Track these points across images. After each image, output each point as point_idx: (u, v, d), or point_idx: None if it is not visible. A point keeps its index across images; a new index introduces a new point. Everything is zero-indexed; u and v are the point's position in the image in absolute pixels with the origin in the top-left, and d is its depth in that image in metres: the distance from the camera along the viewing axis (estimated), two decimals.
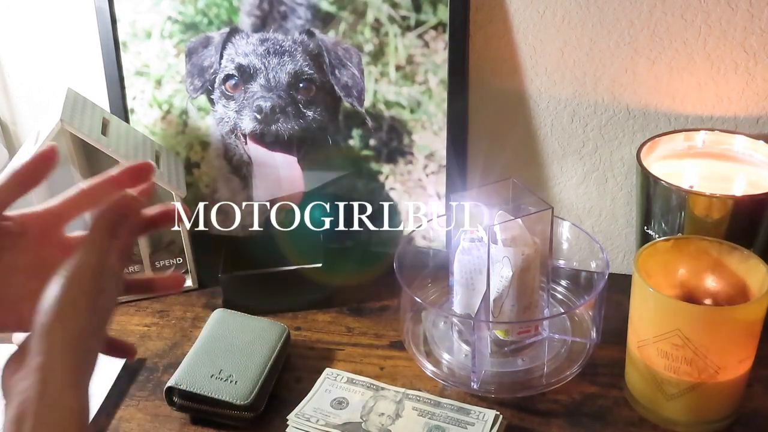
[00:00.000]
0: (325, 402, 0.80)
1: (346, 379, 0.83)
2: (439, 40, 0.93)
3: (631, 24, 0.88)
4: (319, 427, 0.76)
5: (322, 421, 0.77)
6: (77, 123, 0.91)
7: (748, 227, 0.82)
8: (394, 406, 0.79)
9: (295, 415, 0.78)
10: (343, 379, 0.83)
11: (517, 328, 0.85)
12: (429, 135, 0.97)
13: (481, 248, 0.83)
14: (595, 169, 0.98)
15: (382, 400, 0.80)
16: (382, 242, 1.03)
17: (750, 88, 0.88)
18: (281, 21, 0.97)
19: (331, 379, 0.83)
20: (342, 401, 0.80)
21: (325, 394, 0.81)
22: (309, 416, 0.78)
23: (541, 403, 0.81)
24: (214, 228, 1.08)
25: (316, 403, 0.80)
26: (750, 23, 0.85)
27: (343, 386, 0.82)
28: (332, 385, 0.82)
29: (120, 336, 0.93)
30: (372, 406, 0.79)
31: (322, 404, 0.80)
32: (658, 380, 0.75)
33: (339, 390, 0.82)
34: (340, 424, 0.77)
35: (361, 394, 0.81)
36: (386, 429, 0.76)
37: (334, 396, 0.81)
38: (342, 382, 0.82)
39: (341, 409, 0.79)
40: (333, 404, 0.80)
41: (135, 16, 1.00)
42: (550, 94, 0.95)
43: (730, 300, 0.77)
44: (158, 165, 0.98)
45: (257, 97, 0.98)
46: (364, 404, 0.79)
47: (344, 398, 0.80)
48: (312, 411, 0.79)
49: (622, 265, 1.02)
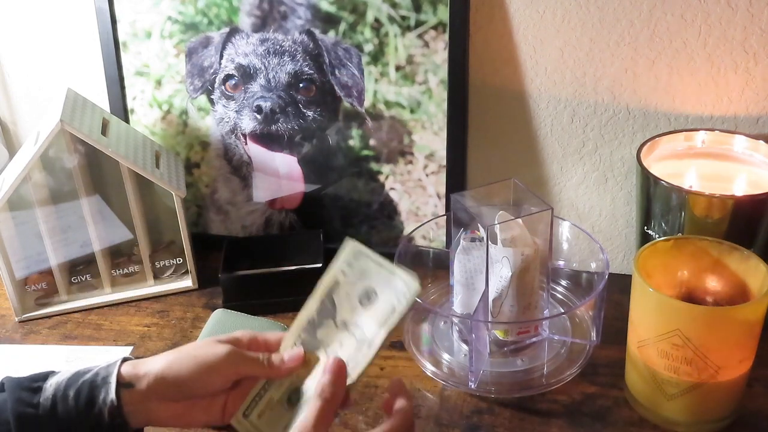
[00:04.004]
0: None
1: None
2: (439, 40, 0.93)
3: (631, 24, 0.88)
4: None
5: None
6: (77, 123, 0.91)
7: (748, 227, 0.82)
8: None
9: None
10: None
11: (516, 329, 0.85)
12: (429, 135, 0.97)
13: (481, 248, 0.83)
14: (595, 169, 0.98)
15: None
16: (382, 242, 1.03)
17: (750, 88, 0.88)
18: (281, 21, 0.97)
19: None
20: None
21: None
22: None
23: (541, 403, 0.81)
24: (214, 228, 1.08)
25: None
26: (750, 23, 0.85)
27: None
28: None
29: (120, 336, 0.94)
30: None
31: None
32: (658, 380, 0.75)
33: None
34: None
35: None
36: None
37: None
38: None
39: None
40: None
41: (135, 16, 1.01)
42: (550, 94, 0.95)
43: (730, 300, 0.77)
44: (158, 165, 0.98)
45: (257, 97, 0.98)
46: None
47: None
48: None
49: (622, 265, 1.02)
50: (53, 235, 0.97)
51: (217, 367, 0.62)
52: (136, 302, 1.00)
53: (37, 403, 0.60)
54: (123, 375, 0.62)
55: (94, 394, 0.60)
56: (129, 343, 0.92)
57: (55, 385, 0.61)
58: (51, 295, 1.00)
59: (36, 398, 0.60)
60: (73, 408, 0.60)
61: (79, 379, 0.61)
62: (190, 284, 1.02)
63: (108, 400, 0.60)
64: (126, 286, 1.02)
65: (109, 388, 0.61)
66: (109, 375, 0.61)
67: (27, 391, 0.61)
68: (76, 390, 0.61)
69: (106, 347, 0.92)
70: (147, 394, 0.61)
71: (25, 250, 0.97)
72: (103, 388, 0.61)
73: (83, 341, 0.93)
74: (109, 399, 0.60)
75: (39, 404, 0.60)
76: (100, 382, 0.61)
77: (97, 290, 1.01)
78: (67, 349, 0.91)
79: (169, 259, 1.03)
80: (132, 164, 0.93)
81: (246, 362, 0.64)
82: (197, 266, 1.02)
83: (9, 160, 1.11)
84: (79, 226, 0.97)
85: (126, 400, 0.61)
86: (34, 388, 0.61)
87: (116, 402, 0.60)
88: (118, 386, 0.61)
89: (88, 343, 0.93)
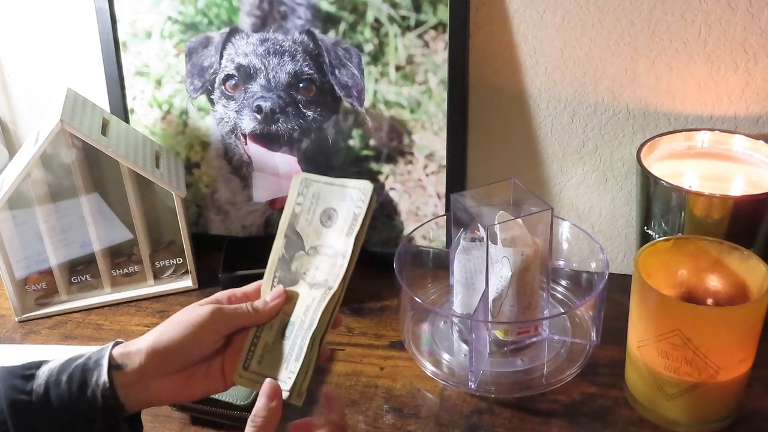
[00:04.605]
0: None
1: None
2: (439, 40, 0.93)
3: (631, 24, 0.88)
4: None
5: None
6: (77, 123, 0.91)
7: (748, 227, 0.82)
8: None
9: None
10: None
11: (516, 329, 0.85)
12: (429, 135, 0.97)
13: (481, 248, 0.83)
14: (595, 169, 0.98)
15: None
16: (382, 242, 1.03)
17: (750, 88, 0.88)
18: (281, 21, 0.97)
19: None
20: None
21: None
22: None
23: (541, 403, 0.81)
24: (214, 228, 1.08)
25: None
26: (750, 23, 0.85)
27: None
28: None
29: (120, 336, 0.94)
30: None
31: None
32: (658, 380, 0.75)
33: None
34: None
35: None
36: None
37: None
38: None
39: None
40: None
41: (135, 16, 1.00)
42: (550, 94, 0.95)
43: (730, 300, 0.77)
44: (158, 165, 0.98)
45: (257, 97, 0.98)
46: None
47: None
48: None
49: (622, 265, 1.02)
50: (53, 235, 0.97)
51: (204, 325, 0.63)
52: (136, 302, 1.00)
53: (30, 389, 0.60)
54: (114, 356, 0.62)
55: (87, 377, 0.60)
56: None
57: (48, 372, 0.61)
58: (51, 295, 1.00)
59: (29, 385, 0.60)
60: (65, 393, 0.60)
61: (72, 365, 0.61)
62: (190, 284, 1.02)
63: (101, 382, 0.60)
64: (126, 286, 1.02)
65: (101, 371, 0.60)
66: (101, 358, 0.61)
67: (20, 379, 0.60)
68: (68, 375, 0.60)
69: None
70: (143, 371, 0.61)
71: (25, 250, 0.97)
72: (95, 370, 0.61)
73: (83, 341, 0.93)
74: (101, 381, 0.60)
75: (32, 391, 0.60)
76: (92, 365, 0.61)
77: (97, 290, 1.01)
78: (67, 349, 0.91)
79: (169, 259, 1.03)
80: (132, 164, 0.93)
81: (232, 315, 0.64)
82: (197, 266, 1.02)
83: (9, 160, 1.11)
84: (79, 226, 0.97)
85: (121, 382, 0.61)
86: (26, 376, 0.61)
87: (108, 383, 0.60)
88: (109, 368, 0.61)
89: (88, 343, 0.93)
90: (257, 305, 0.65)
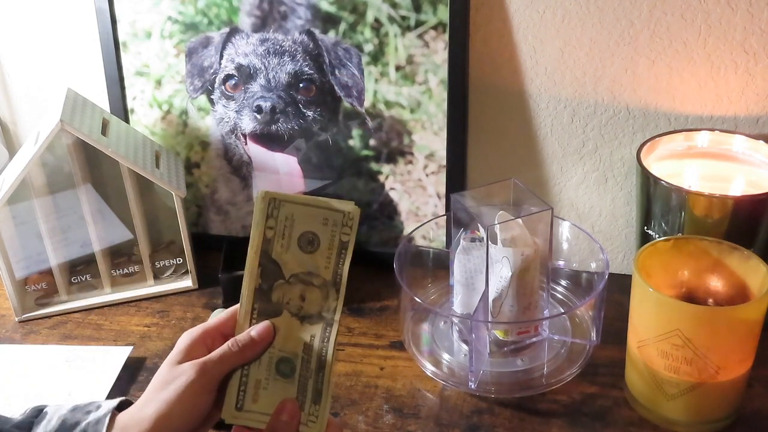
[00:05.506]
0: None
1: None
2: (439, 40, 0.93)
3: (631, 24, 0.88)
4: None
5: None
6: (77, 123, 0.91)
7: (748, 227, 0.82)
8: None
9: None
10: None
11: (516, 329, 0.85)
12: (429, 135, 0.97)
13: (481, 248, 0.83)
14: (595, 169, 0.98)
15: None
16: (382, 242, 1.03)
17: (750, 88, 0.88)
18: (281, 21, 0.97)
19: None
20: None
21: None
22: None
23: (541, 403, 0.81)
24: (214, 228, 1.08)
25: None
26: (750, 23, 0.85)
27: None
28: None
29: (120, 336, 0.94)
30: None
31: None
32: (658, 380, 0.75)
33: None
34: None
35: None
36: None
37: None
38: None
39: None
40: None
41: (135, 16, 1.00)
42: (550, 94, 0.95)
43: (730, 300, 0.77)
44: (158, 165, 0.98)
45: (257, 97, 0.98)
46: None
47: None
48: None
49: (622, 265, 1.02)
50: (53, 235, 0.97)
51: (196, 389, 0.58)
52: (136, 302, 1.00)
53: None
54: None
55: None
56: (129, 343, 0.92)
57: None
58: (51, 295, 1.00)
59: None
60: None
61: None
62: (190, 284, 1.02)
63: None
64: (126, 286, 1.02)
65: None
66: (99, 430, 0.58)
67: None
68: None
69: (106, 347, 0.91)
70: None
71: (25, 250, 0.97)
72: None
73: (83, 341, 0.93)
74: None
75: None
76: None
77: (97, 290, 1.01)
78: (67, 349, 0.91)
79: (169, 259, 1.03)
80: (132, 164, 0.93)
81: (217, 363, 0.59)
82: (197, 266, 1.02)
83: (9, 160, 1.11)
84: (79, 226, 0.97)
85: None
86: None
87: None
88: None
89: (88, 343, 0.93)
90: (243, 343, 0.60)
